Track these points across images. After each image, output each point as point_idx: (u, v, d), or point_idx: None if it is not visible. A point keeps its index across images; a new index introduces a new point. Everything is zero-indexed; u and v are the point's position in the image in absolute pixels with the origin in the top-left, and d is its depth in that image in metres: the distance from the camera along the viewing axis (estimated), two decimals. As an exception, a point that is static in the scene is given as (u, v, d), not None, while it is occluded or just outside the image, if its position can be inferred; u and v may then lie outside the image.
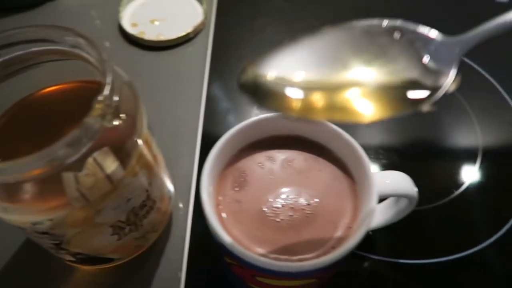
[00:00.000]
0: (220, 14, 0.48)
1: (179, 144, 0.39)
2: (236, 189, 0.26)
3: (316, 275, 0.24)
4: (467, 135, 0.40)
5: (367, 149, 0.38)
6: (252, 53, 0.45)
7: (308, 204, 0.25)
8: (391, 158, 0.38)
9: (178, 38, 0.45)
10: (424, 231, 0.34)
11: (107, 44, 0.46)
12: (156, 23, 0.47)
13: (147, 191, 0.27)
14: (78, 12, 0.49)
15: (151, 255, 0.33)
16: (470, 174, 0.37)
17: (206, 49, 0.45)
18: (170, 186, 0.33)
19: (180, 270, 0.32)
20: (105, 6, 0.49)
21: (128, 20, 0.47)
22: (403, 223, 0.32)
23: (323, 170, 0.27)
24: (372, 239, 0.33)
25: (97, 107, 0.19)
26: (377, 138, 0.40)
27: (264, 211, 0.25)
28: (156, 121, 0.40)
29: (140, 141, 0.24)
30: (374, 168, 0.37)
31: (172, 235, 0.34)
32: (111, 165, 0.22)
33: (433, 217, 0.35)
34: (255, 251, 0.24)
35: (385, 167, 0.38)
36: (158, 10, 0.48)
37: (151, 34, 0.45)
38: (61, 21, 0.48)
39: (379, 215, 0.30)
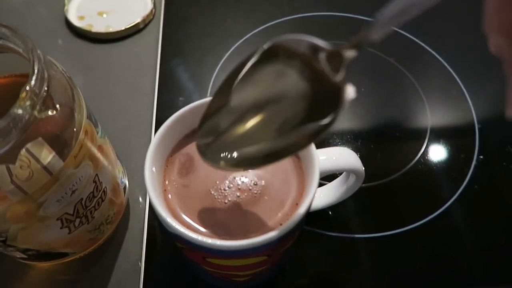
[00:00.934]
0: (170, 3, 0.48)
1: (134, 136, 0.39)
2: (183, 174, 0.26)
3: (265, 251, 0.24)
4: (417, 111, 0.41)
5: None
6: (206, 42, 0.45)
7: (255, 184, 0.26)
8: (345, 138, 0.39)
9: (127, 29, 0.44)
10: (379, 206, 0.35)
11: (54, 37, 0.45)
12: (104, 15, 0.46)
13: (94, 182, 0.27)
14: (22, 7, 0.48)
15: (110, 247, 0.33)
16: (420, 148, 0.38)
17: (157, 39, 0.44)
18: (123, 177, 0.33)
19: (140, 260, 0.32)
20: (50, 0, 0.48)
21: (75, 13, 0.46)
22: (358, 200, 0.33)
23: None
24: (329, 217, 0.34)
25: (23, 97, 0.19)
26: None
27: (211, 194, 0.25)
28: (109, 114, 0.39)
29: (79, 132, 0.24)
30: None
31: (131, 226, 0.34)
32: (47, 156, 0.21)
33: (387, 191, 0.36)
34: (203, 234, 0.24)
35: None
36: (105, 1, 0.47)
37: (99, 26, 0.45)
38: (4, 17, 0.46)
39: (332, 193, 0.31)
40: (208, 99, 0.27)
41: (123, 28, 0.44)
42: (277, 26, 0.47)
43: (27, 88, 0.19)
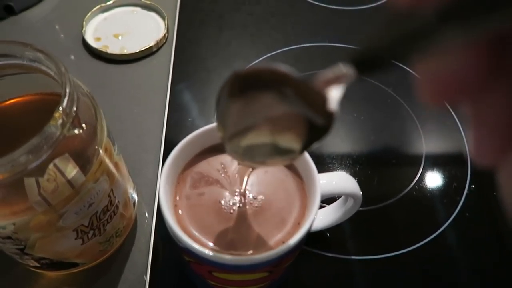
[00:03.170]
0: (182, 28, 0.50)
1: (144, 153, 0.40)
2: (192, 190, 0.28)
3: (267, 268, 0.26)
4: (413, 140, 0.43)
5: (321, 155, 0.41)
6: (216, 66, 0.47)
7: (259, 201, 0.27)
8: (344, 163, 0.41)
9: (141, 51, 0.47)
10: (375, 229, 0.37)
11: (72, 57, 0.47)
12: (120, 37, 0.48)
13: (109, 196, 0.28)
14: (41, 26, 0.50)
15: (117, 259, 0.34)
16: (415, 175, 0.40)
17: (169, 62, 0.47)
18: (133, 193, 0.35)
19: (146, 273, 0.33)
20: (68, 21, 0.50)
21: (92, 34, 0.48)
22: (355, 222, 0.35)
23: (274, 169, 0.29)
24: (327, 238, 0.36)
25: (56, 116, 0.21)
26: (330, 145, 0.42)
27: (219, 210, 0.27)
28: (121, 131, 0.41)
29: (100, 149, 0.26)
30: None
31: (137, 240, 0.36)
32: (71, 170, 0.23)
33: (383, 216, 0.37)
34: (210, 248, 0.26)
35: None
36: (121, 24, 0.50)
37: (114, 47, 0.47)
38: (24, 35, 0.49)
39: (330, 215, 0.33)
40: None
41: (137, 51, 0.46)
42: (281, 55, 0.49)
43: (60, 108, 0.21)
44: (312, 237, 0.33)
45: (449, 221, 0.37)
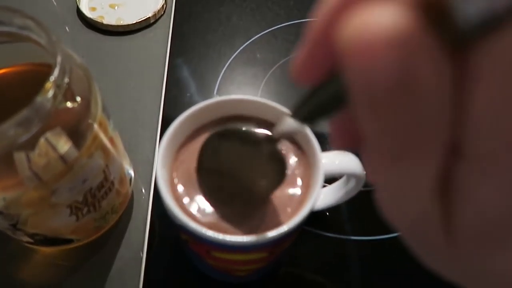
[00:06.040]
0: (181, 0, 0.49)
1: (140, 129, 0.39)
2: (191, 166, 0.27)
3: (267, 248, 0.25)
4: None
5: (324, 134, 0.40)
6: (215, 40, 0.46)
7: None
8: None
9: (138, 23, 0.45)
10: (376, 210, 0.36)
11: (66, 27, 0.45)
12: (116, 7, 0.47)
13: (104, 172, 0.28)
14: (35, -5, 0.48)
15: (112, 236, 0.34)
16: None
17: (167, 34, 0.45)
18: (129, 169, 0.34)
19: (142, 250, 0.33)
20: (63, -10, 0.48)
21: (87, 4, 0.46)
22: (356, 202, 0.34)
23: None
24: (327, 218, 0.35)
25: (47, 87, 0.20)
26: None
27: (217, 186, 0.26)
28: (117, 106, 0.40)
29: (94, 124, 0.25)
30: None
31: (134, 217, 0.35)
32: (64, 145, 0.22)
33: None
34: (208, 226, 0.25)
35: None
36: (117, -6, 0.48)
37: (110, 18, 0.45)
38: (15, 4, 0.47)
39: (331, 195, 0.32)
40: (216, 98, 0.28)
41: (134, 22, 0.45)
42: (282, 30, 0.48)
43: (51, 79, 0.20)
44: (312, 216, 0.33)
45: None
